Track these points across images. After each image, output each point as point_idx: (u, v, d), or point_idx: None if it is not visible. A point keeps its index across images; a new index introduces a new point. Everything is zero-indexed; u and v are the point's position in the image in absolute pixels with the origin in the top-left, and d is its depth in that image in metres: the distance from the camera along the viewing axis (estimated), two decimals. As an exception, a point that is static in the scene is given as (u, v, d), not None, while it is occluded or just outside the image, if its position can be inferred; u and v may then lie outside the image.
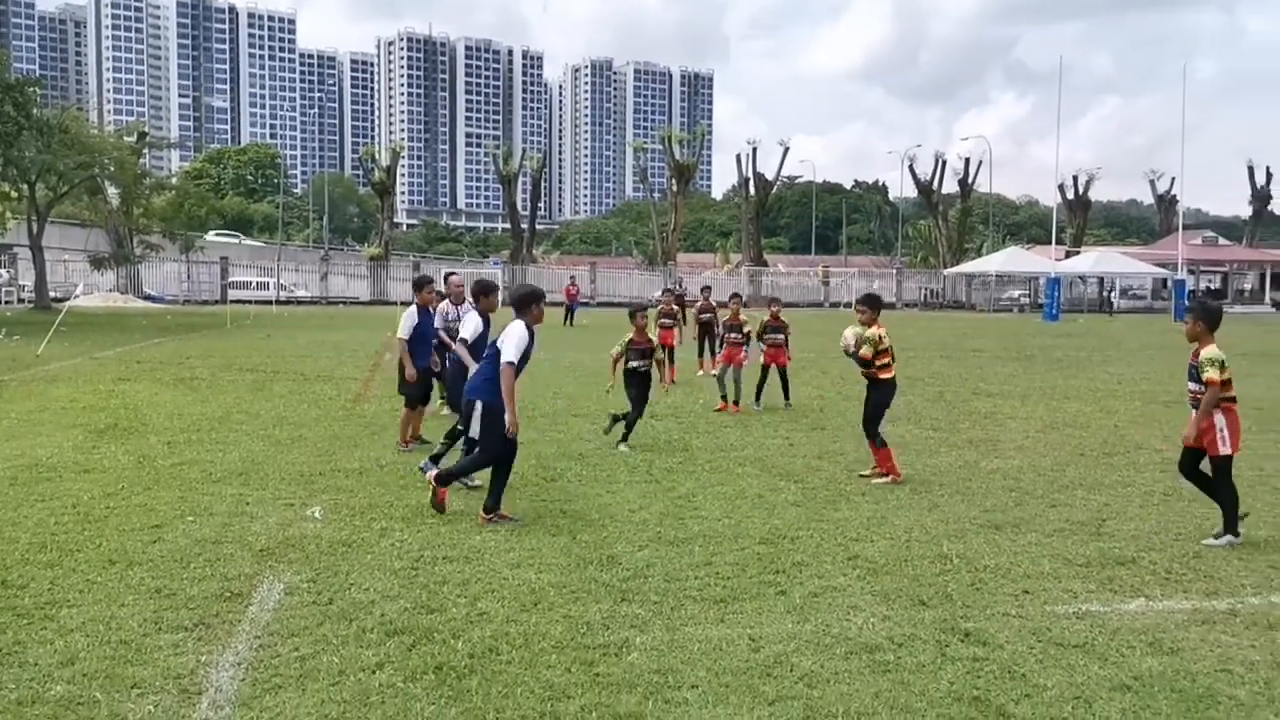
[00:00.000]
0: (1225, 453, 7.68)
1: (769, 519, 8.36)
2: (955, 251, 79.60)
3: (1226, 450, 7.68)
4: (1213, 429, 7.74)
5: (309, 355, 24.27)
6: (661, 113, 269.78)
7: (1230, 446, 7.69)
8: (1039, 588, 6.60)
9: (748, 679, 5.05)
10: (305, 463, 10.59)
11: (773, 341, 15.56)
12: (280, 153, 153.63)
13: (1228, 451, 7.69)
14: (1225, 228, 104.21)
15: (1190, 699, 4.85)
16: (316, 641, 5.49)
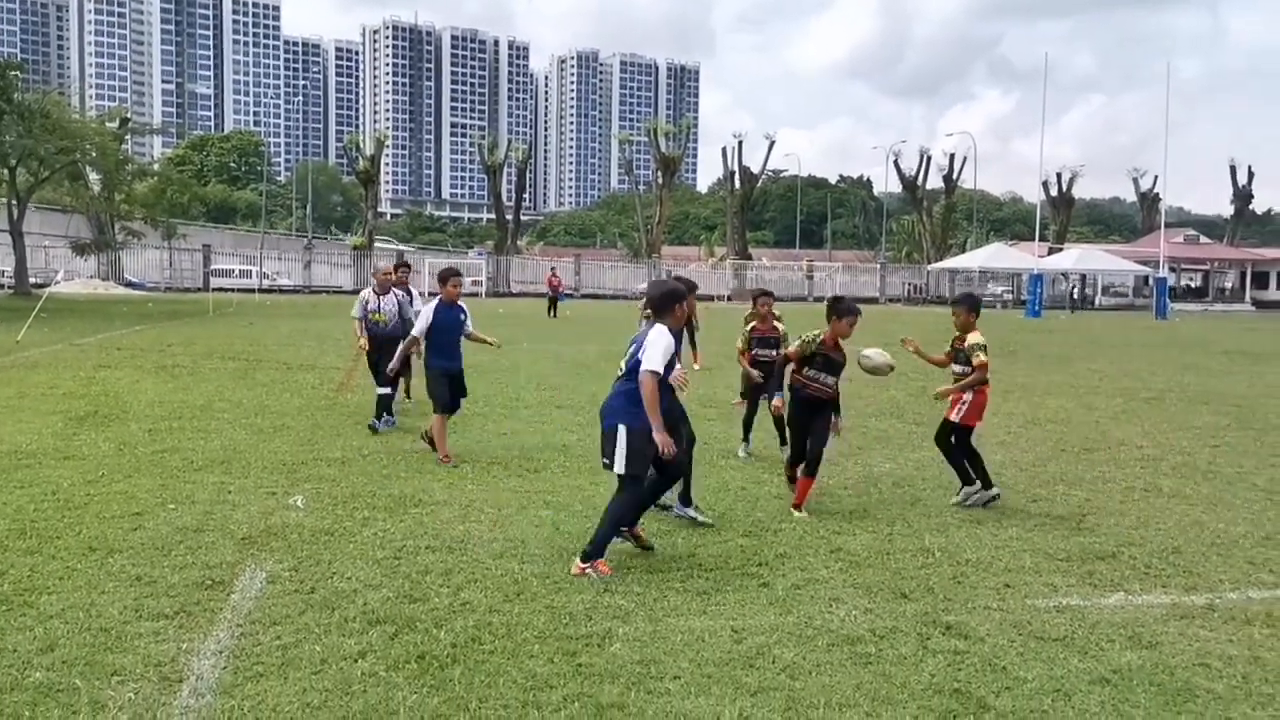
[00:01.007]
0: (967, 422, 8.74)
1: (751, 512, 8.37)
2: (939, 247, 79.90)
3: (959, 419, 8.71)
4: (960, 401, 8.69)
5: (292, 344, 24.15)
6: (647, 105, 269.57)
7: (972, 419, 8.74)
8: (1020, 581, 6.63)
9: (730, 670, 5.07)
10: (288, 451, 10.55)
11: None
12: (264, 140, 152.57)
13: (970, 422, 8.75)
14: (1207, 226, 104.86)
15: (1168, 692, 4.88)
16: (299, 630, 5.48)
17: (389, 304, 12.42)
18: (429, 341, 10.18)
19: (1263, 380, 20.14)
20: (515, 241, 77.71)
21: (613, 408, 6.76)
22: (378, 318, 12.36)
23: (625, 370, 6.76)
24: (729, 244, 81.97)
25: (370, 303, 12.37)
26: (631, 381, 6.65)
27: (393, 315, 12.39)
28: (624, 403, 6.69)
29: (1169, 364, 23.69)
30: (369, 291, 12.57)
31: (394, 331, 12.16)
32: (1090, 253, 74.16)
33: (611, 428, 6.69)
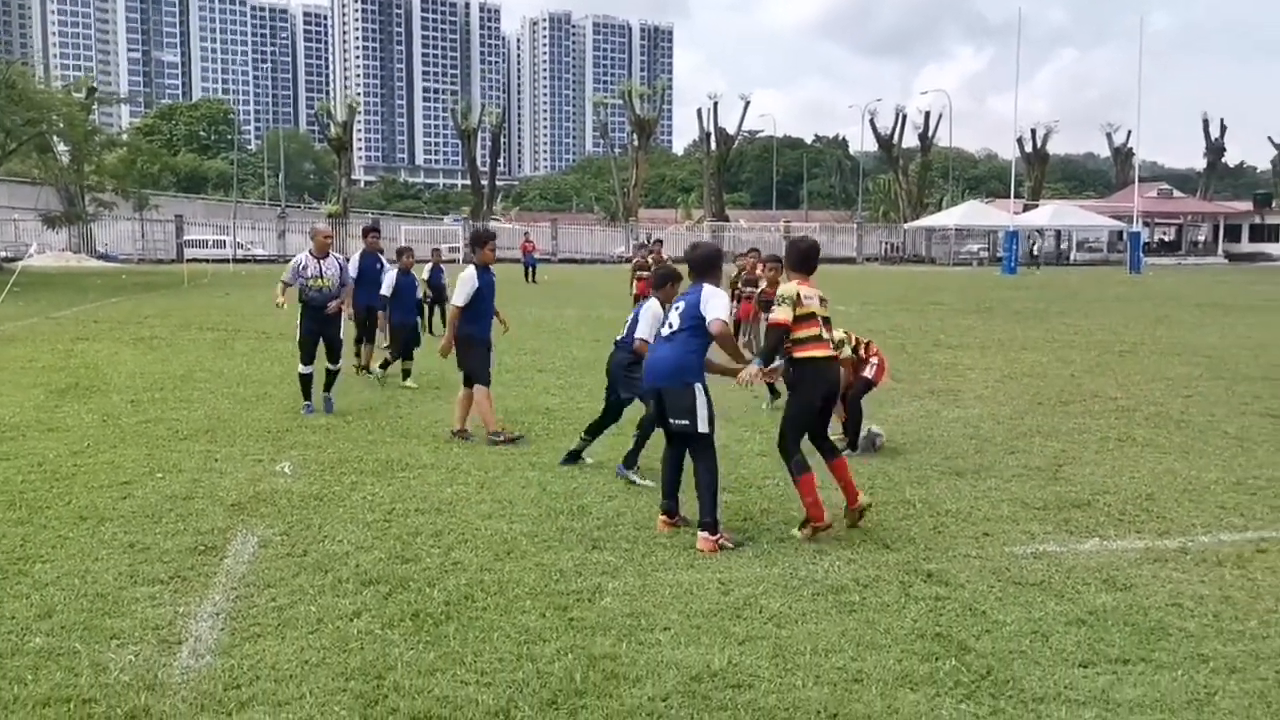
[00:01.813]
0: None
1: (735, 468, 8.49)
2: (915, 206, 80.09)
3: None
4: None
5: (269, 313, 23.98)
6: (621, 67, 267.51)
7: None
8: (998, 530, 6.79)
9: (718, 620, 5.19)
10: (272, 419, 10.59)
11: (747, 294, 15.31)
12: (233, 108, 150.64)
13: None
14: (1180, 180, 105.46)
15: (1142, 631, 5.04)
16: (293, 592, 5.56)
17: (330, 268, 11.13)
18: (469, 310, 9.46)
19: (1234, 332, 20.43)
20: (491, 207, 77.35)
21: (679, 366, 6.59)
22: (320, 283, 11.00)
23: (679, 326, 6.67)
24: (706, 206, 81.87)
25: (309, 267, 11.00)
26: (694, 338, 6.60)
27: (334, 279, 11.14)
28: (688, 359, 6.60)
29: (1143, 317, 23.97)
30: (305, 255, 11.18)
31: (331, 297, 11.09)
32: (1065, 209, 74.57)
33: (685, 385, 6.55)
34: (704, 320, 6.56)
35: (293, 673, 4.55)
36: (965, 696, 4.37)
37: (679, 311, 6.78)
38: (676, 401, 6.60)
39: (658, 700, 4.31)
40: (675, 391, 6.61)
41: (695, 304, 6.65)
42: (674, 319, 6.79)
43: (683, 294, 6.98)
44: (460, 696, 4.33)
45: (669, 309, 7.03)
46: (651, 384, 6.85)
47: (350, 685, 4.43)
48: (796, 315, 6.57)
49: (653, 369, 6.82)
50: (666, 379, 6.66)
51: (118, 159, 56.73)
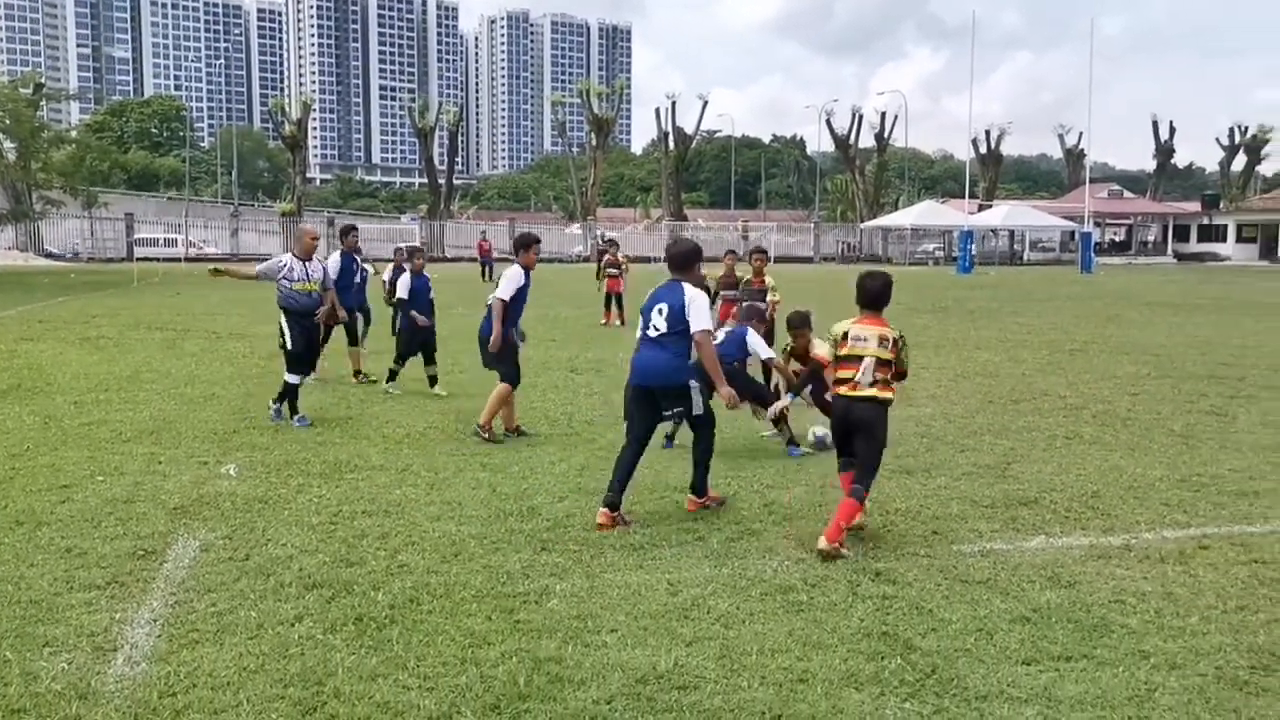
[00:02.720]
0: None
1: (688, 469, 8.37)
2: (872, 205, 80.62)
3: None
4: None
5: (221, 313, 23.75)
6: (580, 66, 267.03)
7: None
8: (947, 528, 6.82)
9: (666, 621, 5.17)
10: (219, 421, 10.43)
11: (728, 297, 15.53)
12: (185, 105, 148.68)
13: None
14: (1131, 181, 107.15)
15: (1085, 628, 5.08)
16: (234, 597, 5.46)
17: (316, 271, 10.59)
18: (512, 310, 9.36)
19: (1181, 331, 20.75)
20: (448, 206, 76.86)
21: (672, 368, 6.96)
22: (307, 287, 10.37)
23: (666, 330, 6.92)
24: (664, 205, 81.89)
25: (295, 270, 10.35)
26: (682, 342, 6.92)
27: (319, 284, 10.59)
28: (678, 362, 6.97)
29: (1093, 316, 24.28)
30: (290, 257, 10.57)
31: (319, 302, 10.58)
32: (1019, 209, 75.43)
33: (683, 386, 6.98)
34: (689, 326, 6.85)
35: (230, 680, 4.46)
36: (910, 695, 4.38)
37: (663, 315, 6.95)
38: (673, 398, 7.04)
39: (602, 703, 4.27)
40: (672, 390, 7.01)
41: (680, 308, 6.88)
42: (659, 323, 6.97)
43: (662, 290, 7.08)
44: (402, 702, 4.27)
45: (651, 306, 7.09)
46: (643, 384, 7.06)
47: (289, 692, 4.35)
48: (838, 355, 6.65)
49: (644, 371, 7.05)
50: (659, 380, 6.98)
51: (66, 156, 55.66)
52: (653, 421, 7.18)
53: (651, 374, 7.00)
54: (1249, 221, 75.97)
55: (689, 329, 6.87)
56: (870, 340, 6.58)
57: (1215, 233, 77.28)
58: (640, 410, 7.12)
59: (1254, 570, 5.92)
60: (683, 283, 7.05)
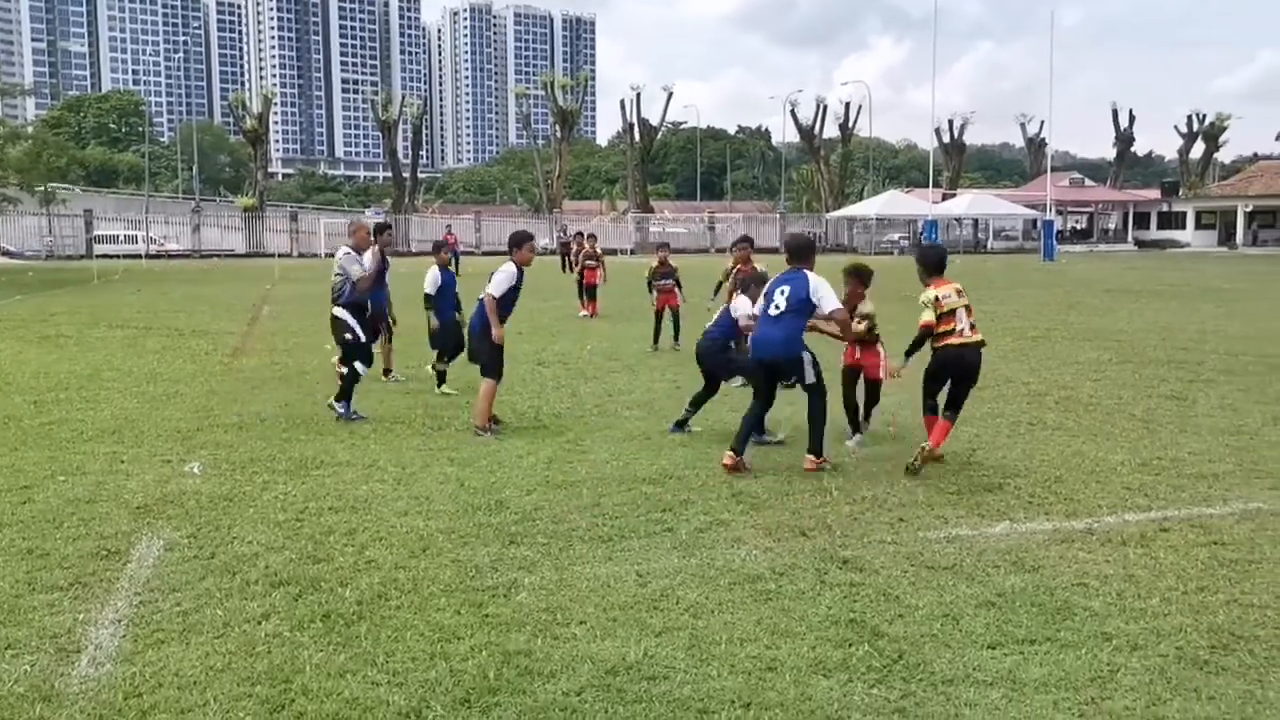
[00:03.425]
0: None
1: (656, 460, 8.49)
2: (837, 195, 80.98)
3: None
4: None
5: (183, 310, 23.49)
6: (544, 58, 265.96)
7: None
8: (913, 516, 6.88)
9: (635, 612, 5.18)
10: (182, 419, 10.32)
11: (663, 287, 16.19)
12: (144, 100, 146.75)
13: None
14: (1092, 169, 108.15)
15: (1048, 611, 5.15)
16: (199, 596, 5.42)
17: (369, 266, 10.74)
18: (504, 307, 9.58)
19: (1141, 316, 21.01)
20: (413, 199, 76.41)
21: (789, 342, 8.04)
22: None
23: (785, 308, 8.00)
24: (630, 197, 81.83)
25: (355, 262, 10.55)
26: (799, 319, 8.05)
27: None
28: (795, 336, 8.08)
29: (1055, 303, 24.54)
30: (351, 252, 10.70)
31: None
32: (982, 198, 76.06)
33: (795, 357, 8.07)
34: (812, 306, 8.01)
35: (196, 679, 4.43)
36: (877, 681, 4.41)
37: (785, 295, 8.01)
38: (787, 369, 8.15)
39: (572, 695, 4.28)
40: (786, 362, 8.10)
41: (803, 291, 7.97)
42: (780, 301, 8.02)
43: (784, 277, 8.15)
44: (371, 698, 4.25)
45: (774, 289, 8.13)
46: (764, 357, 8.17)
47: (256, 690, 4.33)
48: (938, 314, 8.00)
49: (764, 345, 8.15)
50: (778, 352, 8.08)
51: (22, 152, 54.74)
52: (774, 386, 8.38)
53: (770, 348, 8.10)
54: (1207, 208, 77.01)
55: (806, 307, 7.99)
56: (953, 295, 8.08)
57: (1175, 220, 78.27)
58: (768, 377, 8.28)
59: (1213, 552, 6.02)
60: (805, 270, 8.13)
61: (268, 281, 34.24)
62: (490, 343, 9.51)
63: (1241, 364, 13.90)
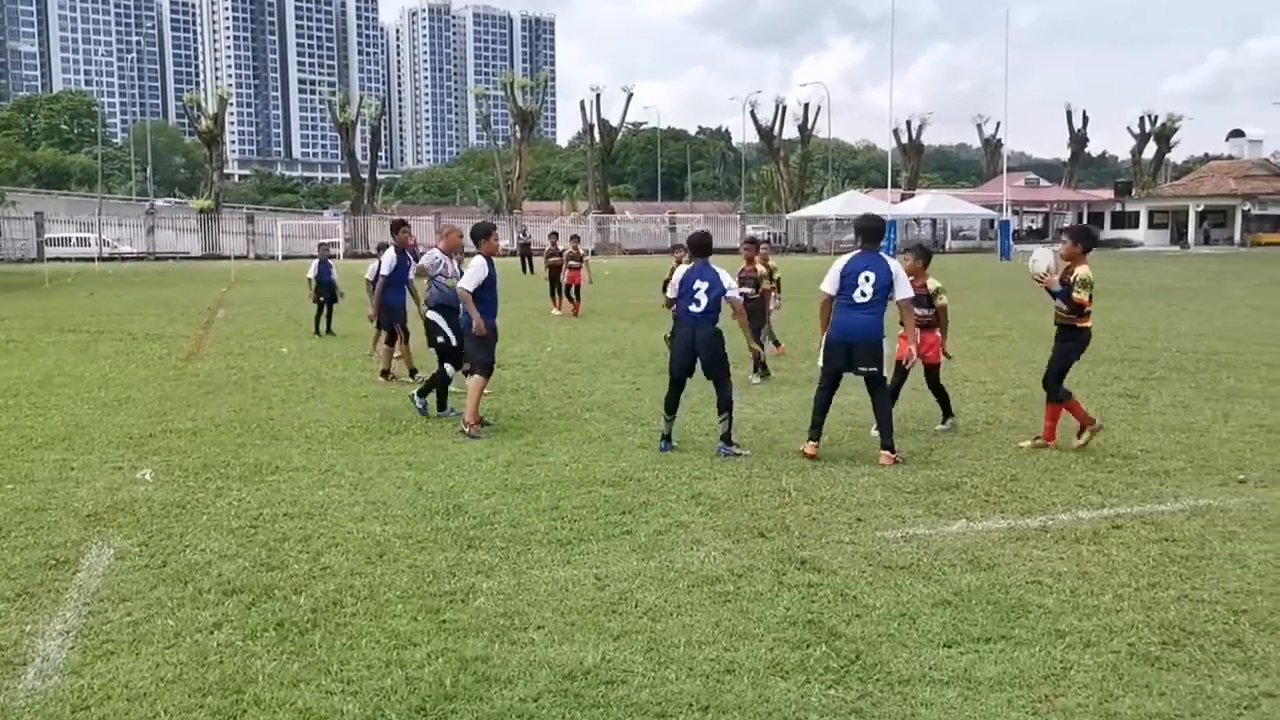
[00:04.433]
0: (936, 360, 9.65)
1: (615, 462, 8.47)
2: (797, 196, 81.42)
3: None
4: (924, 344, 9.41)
5: (137, 313, 23.16)
6: (503, 58, 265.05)
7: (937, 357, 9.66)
8: (871, 515, 6.91)
9: (593, 616, 5.16)
10: (134, 424, 10.16)
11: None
12: (97, 101, 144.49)
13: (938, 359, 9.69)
14: (1047, 169, 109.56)
15: (1004, 609, 5.19)
16: (150, 605, 5.33)
17: (453, 267, 10.74)
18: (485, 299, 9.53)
19: (1095, 315, 21.05)
20: (372, 200, 75.84)
21: (875, 327, 8.32)
22: (453, 284, 10.26)
23: (872, 296, 8.26)
24: (591, 198, 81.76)
25: (449, 267, 10.54)
26: (882, 306, 8.33)
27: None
28: (879, 322, 8.35)
29: (1012, 303, 24.80)
30: (439, 254, 10.75)
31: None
32: (940, 198, 76.75)
33: (878, 342, 8.33)
34: (893, 293, 8.30)
35: (146, 690, 4.35)
36: (834, 682, 4.42)
37: (870, 283, 8.26)
38: (868, 354, 8.33)
39: (529, 701, 4.25)
40: (869, 346, 8.32)
41: (886, 279, 8.26)
42: (866, 289, 8.27)
43: (862, 261, 8.36)
44: (325, 707, 4.20)
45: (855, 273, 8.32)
46: (849, 340, 8.36)
47: (208, 701, 4.26)
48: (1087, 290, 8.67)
49: (853, 330, 8.35)
50: (865, 337, 8.32)
51: (-30, 154, 53.82)
52: (840, 376, 8.59)
53: (858, 332, 8.31)
54: (1160, 208, 78.20)
55: (887, 295, 8.28)
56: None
57: (1128, 219, 79.40)
58: (846, 361, 8.43)
59: (1164, 548, 6.09)
60: (882, 254, 8.42)
61: (223, 284, 33.86)
62: (477, 337, 9.52)
63: (1192, 361, 14.13)
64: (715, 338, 8.75)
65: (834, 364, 8.51)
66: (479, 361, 9.66)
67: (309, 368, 14.20)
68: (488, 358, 9.70)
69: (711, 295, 8.66)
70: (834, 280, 8.42)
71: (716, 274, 8.72)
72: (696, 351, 8.76)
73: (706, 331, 8.71)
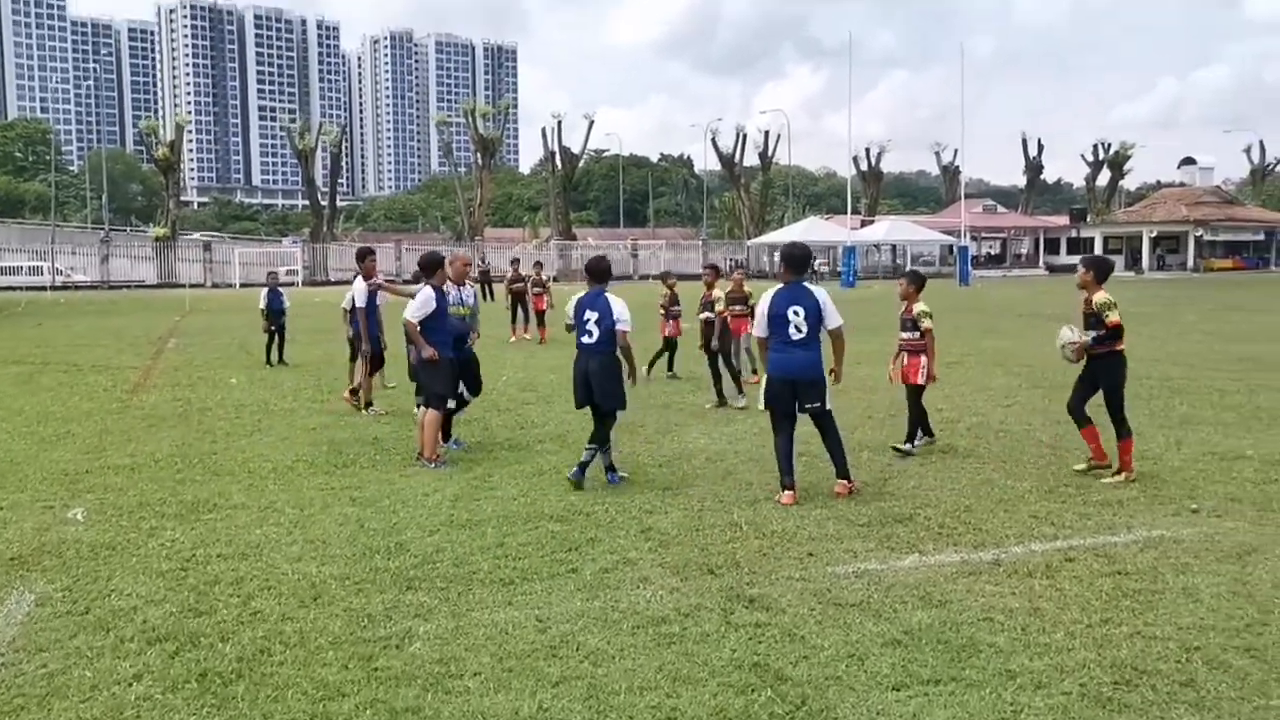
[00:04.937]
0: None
1: (565, 496, 8.29)
2: (758, 222, 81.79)
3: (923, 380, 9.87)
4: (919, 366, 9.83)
5: (85, 344, 22.69)
6: (465, 86, 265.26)
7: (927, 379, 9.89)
8: (822, 549, 6.77)
9: (532, 661, 4.97)
10: (70, 460, 9.85)
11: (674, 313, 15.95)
12: (52, 128, 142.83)
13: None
14: (1003, 196, 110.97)
15: (954, 648, 5.06)
16: (68, 655, 5.08)
17: (469, 296, 10.70)
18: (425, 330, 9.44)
19: (1052, 341, 21.29)
20: (331, 228, 75.31)
21: (815, 363, 8.06)
22: (459, 311, 10.30)
23: (808, 332, 7.99)
24: (553, 224, 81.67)
25: (450, 294, 10.21)
26: (817, 338, 8.04)
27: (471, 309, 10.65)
28: (819, 355, 8.08)
29: (970, 329, 24.91)
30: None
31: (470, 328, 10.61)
32: (899, 224, 77.45)
33: (820, 377, 8.07)
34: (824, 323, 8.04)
35: (53, 751, 4.12)
36: (779, 729, 4.27)
37: (801, 317, 7.97)
38: (811, 390, 8.04)
39: (459, 755, 4.06)
40: (811, 382, 8.02)
41: (815, 310, 7.98)
42: (800, 324, 7.97)
43: (787, 295, 8.03)
44: (242, 766, 3.98)
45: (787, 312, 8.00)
46: (790, 378, 8.03)
47: (118, 761, 4.03)
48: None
49: (791, 367, 8.03)
50: (805, 373, 8.02)
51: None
52: (794, 413, 8.16)
53: (798, 369, 8.02)
54: (1114, 234, 79.31)
55: (820, 327, 8.03)
56: None
57: (1083, 245, 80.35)
58: (791, 400, 8.09)
59: (1117, 582, 6.00)
60: (806, 284, 8.14)
61: (177, 313, 33.33)
62: (428, 367, 9.38)
63: (1146, 388, 14.16)
64: (607, 370, 8.56)
65: (781, 405, 8.15)
66: (433, 395, 9.49)
67: (257, 399, 13.91)
68: (442, 390, 9.51)
69: (602, 326, 8.48)
70: (763, 324, 8.14)
71: (608, 304, 8.51)
72: (589, 381, 8.58)
73: (598, 363, 8.53)
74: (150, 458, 9.96)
